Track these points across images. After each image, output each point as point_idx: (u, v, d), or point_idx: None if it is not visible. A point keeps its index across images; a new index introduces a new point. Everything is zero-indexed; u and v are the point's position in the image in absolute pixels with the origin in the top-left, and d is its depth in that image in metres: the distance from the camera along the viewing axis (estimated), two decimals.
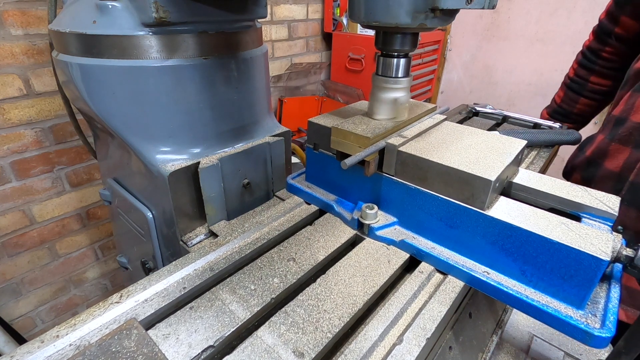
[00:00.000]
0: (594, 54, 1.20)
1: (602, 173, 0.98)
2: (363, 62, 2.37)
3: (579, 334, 0.46)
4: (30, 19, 1.36)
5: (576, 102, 1.29)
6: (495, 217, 0.52)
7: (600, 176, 0.98)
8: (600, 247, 0.46)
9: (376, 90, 0.65)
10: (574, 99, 1.29)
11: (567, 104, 1.32)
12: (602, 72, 1.20)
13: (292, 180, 0.79)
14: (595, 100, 1.26)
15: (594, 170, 1.00)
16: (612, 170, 0.95)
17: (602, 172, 0.98)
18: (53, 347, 0.41)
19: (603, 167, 0.97)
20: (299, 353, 0.43)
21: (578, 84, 1.26)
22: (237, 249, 0.61)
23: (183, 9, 0.65)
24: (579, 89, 1.27)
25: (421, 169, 0.58)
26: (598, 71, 1.21)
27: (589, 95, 1.25)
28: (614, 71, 1.18)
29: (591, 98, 1.26)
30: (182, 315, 0.48)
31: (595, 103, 1.27)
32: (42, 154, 1.52)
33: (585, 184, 1.03)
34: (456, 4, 0.50)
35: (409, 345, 0.46)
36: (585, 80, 1.24)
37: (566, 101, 1.32)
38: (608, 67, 1.18)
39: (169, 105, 0.70)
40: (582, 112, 1.30)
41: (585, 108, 1.29)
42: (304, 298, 0.51)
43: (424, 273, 0.57)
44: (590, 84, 1.23)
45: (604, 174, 0.97)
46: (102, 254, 1.90)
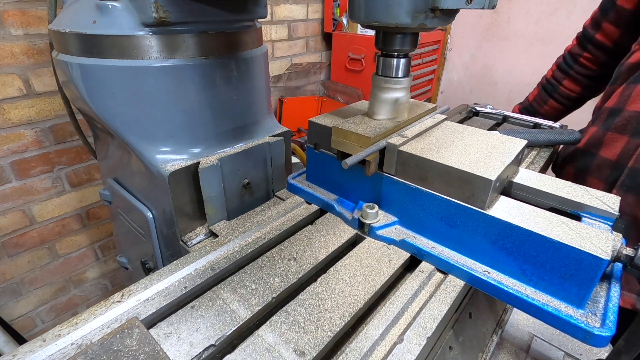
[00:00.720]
0: (573, 59, 1.25)
1: (598, 162, 0.99)
2: (363, 62, 2.38)
3: (579, 333, 0.46)
4: (30, 19, 1.36)
5: (545, 103, 1.35)
6: (495, 216, 0.52)
7: (596, 165, 1.00)
8: (601, 247, 0.46)
9: (376, 90, 0.65)
10: (544, 100, 1.35)
11: (537, 102, 1.37)
12: (576, 78, 1.26)
13: (292, 179, 0.79)
14: (562, 105, 1.32)
15: (589, 160, 1.02)
16: (608, 158, 0.97)
17: (597, 161, 1.00)
18: (55, 346, 0.41)
19: (598, 156, 0.99)
20: (300, 352, 0.43)
21: (552, 86, 1.32)
22: (238, 248, 0.61)
23: (183, 9, 0.65)
24: (551, 90, 1.32)
25: (422, 168, 0.58)
26: (572, 76, 1.26)
27: (558, 99, 1.31)
28: (586, 79, 1.24)
29: (559, 102, 1.32)
30: (183, 314, 0.48)
31: (562, 108, 1.33)
32: (42, 154, 1.52)
33: (580, 174, 1.04)
34: (456, 4, 0.50)
35: (409, 344, 0.46)
36: (558, 83, 1.29)
37: (537, 100, 1.37)
38: (582, 74, 1.24)
39: (169, 105, 0.70)
40: (547, 114, 1.36)
41: (551, 110, 1.35)
42: (305, 297, 0.52)
43: (424, 272, 0.58)
44: (562, 87, 1.29)
45: (600, 163, 0.99)
46: (102, 254, 1.90)
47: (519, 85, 2.84)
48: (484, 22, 2.86)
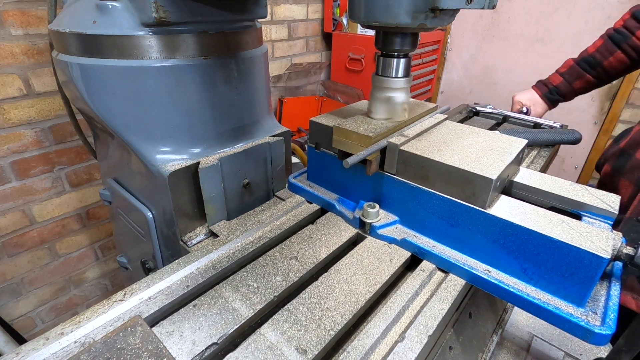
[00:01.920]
0: None
1: (632, 163, 0.96)
2: (363, 62, 2.38)
3: (579, 331, 0.47)
4: (30, 19, 1.36)
5: (611, 54, 1.20)
6: (496, 215, 0.53)
7: (630, 167, 0.96)
8: (601, 245, 0.47)
9: (376, 91, 0.66)
10: (611, 50, 1.20)
11: (600, 53, 1.23)
12: None
13: (293, 179, 0.80)
14: (629, 58, 1.18)
15: (624, 161, 0.98)
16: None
17: (632, 163, 0.96)
18: (58, 344, 0.41)
19: (634, 157, 0.95)
20: (302, 350, 0.43)
21: (622, 35, 1.17)
22: (239, 247, 0.61)
23: (183, 9, 0.65)
24: (620, 40, 1.18)
25: (423, 167, 0.58)
26: None
27: (627, 50, 1.17)
28: None
29: (628, 54, 1.18)
30: (185, 313, 0.49)
31: (628, 62, 1.19)
32: (42, 154, 1.51)
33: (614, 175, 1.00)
34: (456, 4, 0.51)
35: (410, 343, 0.46)
36: (631, 32, 1.15)
37: (601, 50, 1.23)
38: None
39: (169, 105, 0.70)
40: (610, 67, 1.22)
41: (615, 64, 1.20)
42: (306, 296, 0.52)
43: (425, 271, 0.58)
44: (635, 37, 1.14)
45: (634, 164, 0.95)
46: (102, 254, 1.90)
47: (519, 85, 2.84)
48: (484, 22, 2.86)
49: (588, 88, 1.29)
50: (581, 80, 1.26)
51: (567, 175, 2.64)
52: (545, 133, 1.11)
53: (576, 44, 2.50)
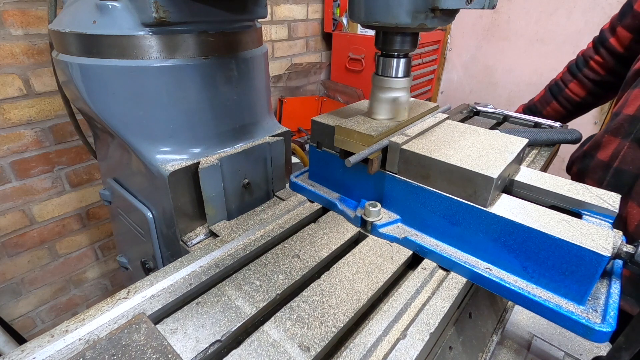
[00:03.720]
0: (584, 61, 1.25)
1: (594, 164, 1.02)
2: (363, 62, 2.38)
3: (580, 328, 0.47)
4: (30, 19, 1.36)
5: (548, 104, 1.35)
6: (497, 214, 0.53)
7: (593, 167, 1.02)
8: (601, 244, 0.47)
9: (376, 91, 0.66)
10: (548, 101, 1.35)
11: (541, 103, 1.38)
12: (582, 81, 1.25)
13: (295, 178, 0.80)
14: (563, 108, 1.32)
15: (588, 162, 1.04)
16: (602, 160, 1.00)
17: (594, 163, 1.02)
18: (63, 341, 0.41)
19: (595, 158, 1.02)
20: (304, 347, 0.44)
21: (558, 87, 1.32)
22: (242, 246, 0.62)
23: (183, 9, 0.65)
24: (556, 92, 1.32)
25: (424, 166, 0.59)
26: (579, 79, 1.26)
27: (561, 101, 1.32)
28: (592, 83, 1.24)
29: (562, 104, 1.32)
30: (189, 310, 0.49)
31: (563, 111, 1.33)
32: (42, 154, 1.52)
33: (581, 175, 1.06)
34: (456, 4, 0.51)
35: (412, 340, 0.46)
36: (565, 85, 1.30)
37: (541, 101, 1.37)
38: (589, 78, 1.24)
39: (169, 105, 0.70)
40: (548, 116, 1.36)
41: (552, 112, 1.35)
42: (308, 294, 0.52)
43: (426, 270, 0.58)
44: (567, 90, 1.29)
45: (595, 164, 1.01)
46: (102, 254, 1.90)
47: (519, 85, 2.85)
48: (484, 22, 2.87)
49: None
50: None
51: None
52: (546, 132, 1.12)
53: (576, 44, 2.51)
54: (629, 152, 0.93)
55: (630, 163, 0.92)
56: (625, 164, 0.93)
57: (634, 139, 0.92)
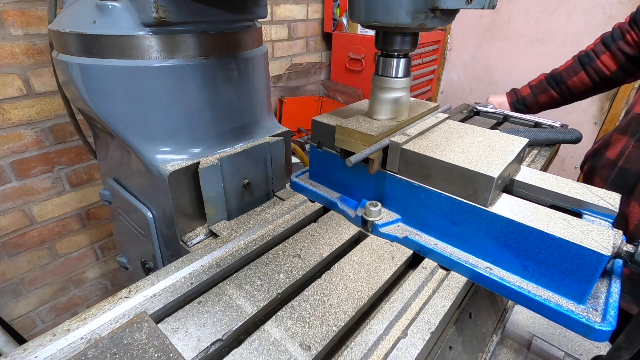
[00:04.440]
0: (620, 34, 1.17)
1: (602, 162, 1.02)
2: (363, 62, 2.38)
3: (580, 327, 0.47)
4: (30, 19, 1.36)
5: (575, 74, 1.26)
6: (497, 213, 0.53)
7: (601, 165, 1.02)
8: (601, 243, 0.47)
9: (376, 91, 0.66)
10: (576, 71, 1.26)
11: (567, 72, 1.29)
12: (615, 54, 1.18)
13: (296, 178, 0.80)
14: (591, 81, 1.24)
15: (598, 160, 1.04)
16: (610, 158, 0.99)
17: (602, 161, 1.02)
18: (65, 340, 0.41)
19: (604, 156, 1.01)
20: (305, 346, 0.44)
21: (589, 58, 1.23)
22: (242, 245, 0.62)
23: (183, 9, 0.65)
24: (586, 62, 1.24)
25: (424, 166, 0.59)
26: (612, 51, 1.18)
27: (590, 73, 1.23)
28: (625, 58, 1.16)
29: (590, 76, 1.24)
30: (190, 309, 0.49)
31: (590, 84, 1.25)
32: (42, 154, 1.51)
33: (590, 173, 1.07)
34: (456, 4, 0.51)
35: (413, 339, 0.47)
36: (597, 56, 1.21)
37: (568, 70, 1.29)
38: (623, 51, 1.16)
39: (169, 105, 0.70)
40: (573, 87, 1.28)
41: (578, 83, 1.27)
42: (309, 293, 0.52)
43: (427, 269, 0.58)
44: (598, 61, 1.21)
45: (604, 163, 1.01)
46: (102, 254, 1.90)
47: (519, 85, 2.83)
48: (484, 22, 2.87)
49: (552, 104, 1.35)
50: (546, 95, 1.34)
51: (567, 175, 2.64)
52: (546, 132, 1.12)
53: (576, 43, 2.51)
54: (634, 152, 0.92)
55: (635, 162, 0.91)
56: (629, 163, 0.93)
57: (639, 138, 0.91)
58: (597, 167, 1.04)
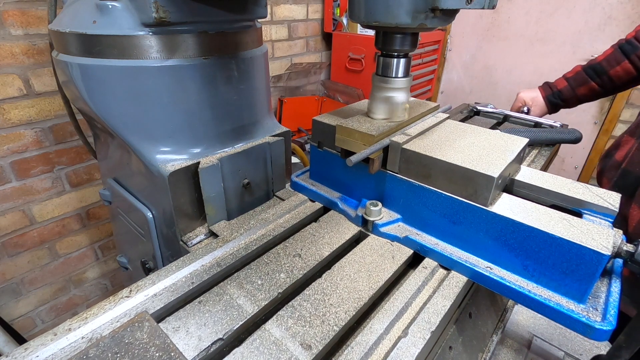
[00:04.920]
0: None
1: (611, 163, 1.01)
2: (363, 62, 2.38)
3: (580, 327, 0.47)
4: (30, 19, 1.36)
5: (618, 64, 1.18)
6: (498, 213, 0.53)
7: (609, 166, 1.01)
8: (602, 242, 0.47)
9: (376, 91, 0.66)
10: (619, 60, 1.18)
11: (608, 62, 1.21)
12: None
13: (296, 178, 0.80)
14: (636, 70, 1.16)
15: (607, 161, 1.03)
16: (617, 160, 0.98)
17: (611, 163, 1.01)
18: (66, 339, 0.41)
19: (613, 157, 1.00)
20: (306, 345, 0.44)
21: (632, 46, 1.15)
22: (243, 245, 0.62)
23: (183, 9, 0.65)
24: (629, 51, 1.16)
25: (425, 166, 0.59)
26: None
27: (635, 61, 1.15)
28: None
29: (635, 65, 1.16)
30: (191, 309, 0.49)
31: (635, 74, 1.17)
32: (42, 154, 1.51)
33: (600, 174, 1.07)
34: (456, 4, 0.51)
35: (414, 338, 0.47)
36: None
37: (609, 59, 1.21)
38: None
39: (169, 105, 0.70)
40: (616, 77, 1.20)
41: (621, 73, 1.18)
42: (310, 293, 0.52)
43: (427, 268, 0.58)
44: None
45: (612, 164, 1.00)
46: (102, 254, 1.90)
47: (519, 85, 2.85)
48: (484, 22, 2.87)
49: (591, 96, 1.27)
50: (585, 87, 1.25)
51: (567, 175, 2.64)
52: (546, 132, 1.12)
53: (576, 43, 2.51)
54: (636, 154, 0.92)
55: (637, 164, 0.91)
56: (632, 165, 0.92)
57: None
58: (606, 169, 1.03)
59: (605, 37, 2.41)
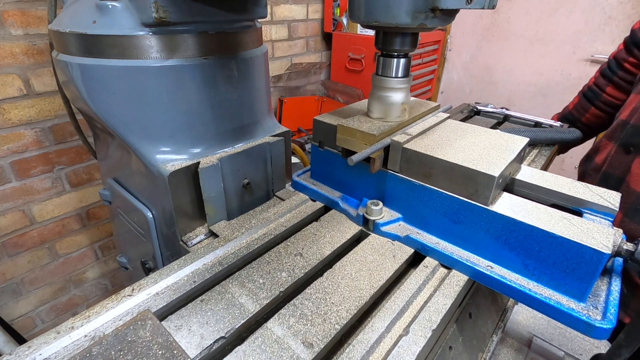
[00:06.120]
0: (617, 64, 1.19)
1: (592, 166, 1.04)
2: (363, 62, 2.38)
3: (580, 325, 0.47)
4: (30, 19, 1.36)
5: (586, 111, 1.28)
6: (498, 212, 0.53)
7: (590, 169, 1.05)
8: (602, 241, 0.47)
9: (376, 91, 0.66)
10: (585, 108, 1.28)
11: (577, 110, 1.31)
12: (619, 84, 1.19)
13: (297, 177, 0.80)
14: (604, 113, 1.25)
15: (588, 165, 1.07)
16: (598, 163, 1.02)
17: (592, 166, 1.04)
18: (69, 337, 0.42)
19: (593, 161, 1.04)
20: (308, 344, 0.44)
21: (593, 93, 1.26)
22: (244, 244, 0.62)
23: (183, 9, 0.65)
24: (592, 98, 1.26)
25: (426, 165, 0.59)
26: (616, 82, 1.20)
27: (600, 106, 1.25)
28: (630, 85, 1.16)
29: (602, 109, 1.25)
30: (193, 307, 0.49)
31: (605, 116, 1.26)
32: (42, 154, 1.51)
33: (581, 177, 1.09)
34: (456, 4, 0.51)
35: (415, 337, 0.47)
36: (601, 90, 1.23)
37: (577, 108, 1.31)
38: (626, 80, 1.17)
39: (169, 105, 0.70)
40: (589, 123, 1.29)
41: (593, 119, 1.28)
42: (311, 291, 0.52)
43: (428, 267, 0.58)
44: (605, 94, 1.23)
45: (593, 167, 1.04)
46: (102, 254, 1.90)
47: (519, 85, 2.86)
48: (484, 22, 2.88)
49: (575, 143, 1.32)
50: None
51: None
52: (546, 132, 1.12)
53: (576, 43, 2.51)
54: (615, 157, 0.94)
55: (617, 167, 0.93)
56: (612, 168, 0.95)
57: (620, 144, 0.93)
58: (587, 172, 1.06)
59: (605, 37, 2.41)
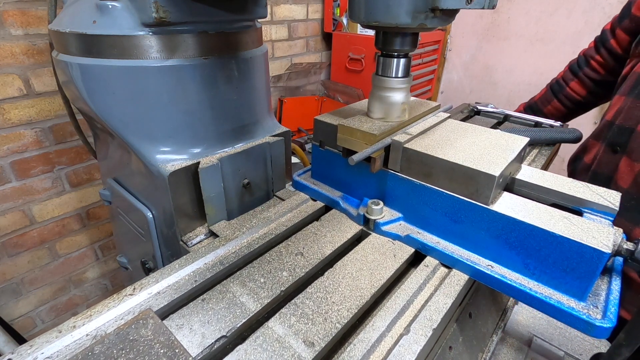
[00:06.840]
0: (585, 61, 1.25)
1: (581, 166, 1.06)
2: (363, 62, 2.39)
3: (580, 324, 0.47)
4: (30, 19, 1.36)
5: (549, 103, 1.35)
6: (499, 211, 0.53)
7: (579, 169, 1.07)
8: (602, 240, 0.47)
9: (376, 91, 0.66)
10: (549, 99, 1.35)
11: (542, 102, 1.38)
12: (583, 81, 1.25)
13: (298, 177, 0.80)
14: (564, 107, 1.32)
15: (577, 165, 1.09)
16: (586, 163, 1.04)
17: (580, 166, 1.06)
18: (70, 337, 0.42)
19: (582, 161, 1.06)
20: (309, 343, 0.44)
21: (559, 86, 1.32)
22: (245, 243, 0.62)
23: (183, 9, 0.64)
24: (557, 91, 1.33)
25: (426, 165, 0.59)
26: (580, 78, 1.26)
27: (562, 100, 1.31)
28: (593, 83, 1.24)
29: (563, 103, 1.32)
30: (194, 307, 0.49)
31: (564, 110, 1.33)
32: (42, 154, 1.51)
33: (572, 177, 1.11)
34: (456, 4, 0.51)
35: (415, 336, 0.47)
36: (566, 84, 1.30)
37: (542, 99, 1.38)
38: (590, 77, 1.24)
39: (169, 105, 0.70)
40: (549, 114, 1.36)
41: (553, 111, 1.35)
42: (312, 291, 0.52)
43: (429, 267, 0.58)
44: (568, 88, 1.29)
45: (582, 167, 1.06)
46: (102, 254, 1.90)
47: (519, 85, 2.86)
48: (484, 22, 2.88)
49: None
50: None
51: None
52: (546, 132, 1.13)
53: (576, 43, 2.52)
54: (603, 156, 0.96)
55: (605, 166, 0.95)
56: (600, 167, 0.96)
57: (607, 143, 0.95)
58: (576, 172, 1.08)
59: None
